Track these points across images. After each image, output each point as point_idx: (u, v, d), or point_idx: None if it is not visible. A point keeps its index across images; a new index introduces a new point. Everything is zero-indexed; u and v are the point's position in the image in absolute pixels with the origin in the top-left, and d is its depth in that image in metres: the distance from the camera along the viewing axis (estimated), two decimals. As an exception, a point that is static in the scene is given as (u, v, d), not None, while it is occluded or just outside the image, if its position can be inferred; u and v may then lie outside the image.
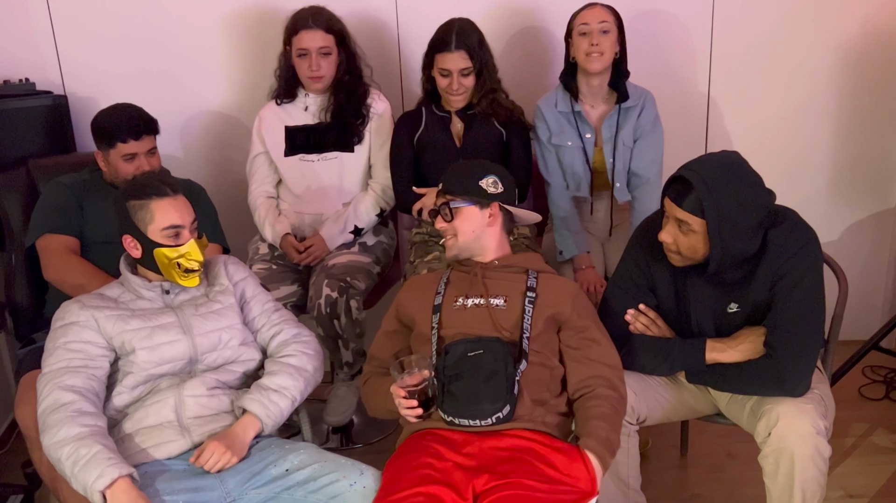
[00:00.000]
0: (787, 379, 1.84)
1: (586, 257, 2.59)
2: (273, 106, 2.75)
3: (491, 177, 2.02)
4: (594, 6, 2.53)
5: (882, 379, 3.11)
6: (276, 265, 2.67)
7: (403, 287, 2.09)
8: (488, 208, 2.00)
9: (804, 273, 1.85)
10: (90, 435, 1.65)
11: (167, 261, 1.85)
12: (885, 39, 3.09)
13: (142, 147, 2.32)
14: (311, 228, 2.72)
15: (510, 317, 1.91)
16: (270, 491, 1.72)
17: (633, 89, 2.60)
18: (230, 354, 1.92)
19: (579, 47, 2.51)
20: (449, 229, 2.01)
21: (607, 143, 2.60)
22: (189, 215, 1.88)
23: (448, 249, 2.04)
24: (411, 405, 1.79)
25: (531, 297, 1.93)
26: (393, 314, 2.05)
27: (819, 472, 1.80)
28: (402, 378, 1.80)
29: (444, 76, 2.57)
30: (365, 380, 2.02)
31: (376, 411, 1.97)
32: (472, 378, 1.77)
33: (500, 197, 2.02)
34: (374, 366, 2.02)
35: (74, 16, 2.93)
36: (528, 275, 2.00)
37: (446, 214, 2.00)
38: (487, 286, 1.95)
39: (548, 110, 2.62)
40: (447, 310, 1.94)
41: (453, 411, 1.77)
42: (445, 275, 2.04)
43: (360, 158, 2.73)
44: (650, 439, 2.71)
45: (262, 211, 2.73)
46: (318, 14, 2.61)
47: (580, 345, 1.92)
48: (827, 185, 3.26)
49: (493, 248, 2.03)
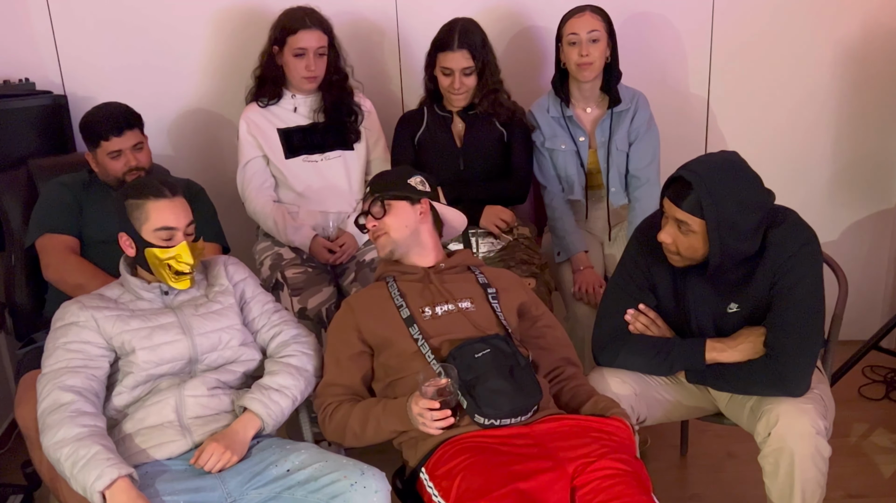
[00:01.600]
0: (787, 379, 1.84)
1: (584, 258, 2.59)
2: (256, 108, 2.67)
3: (418, 176, 2.03)
4: (583, 13, 2.51)
5: (882, 379, 3.11)
6: (310, 268, 2.58)
7: (350, 309, 1.95)
8: (419, 204, 2.00)
9: (804, 273, 1.85)
10: (89, 435, 1.65)
11: (157, 262, 1.85)
12: (884, 39, 3.09)
13: (125, 143, 2.32)
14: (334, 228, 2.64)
15: (484, 316, 1.91)
16: (271, 491, 1.72)
17: (625, 91, 2.60)
18: (230, 354, 1.92)
19: (569, 57, 2.52)
20: (379, 226, 1.98)
21: (601, 148, 2.61)
22: (185, 218, 1.88)
23: (380, 248, 2.01)
24: (444, 415, 1.70)
25: (493, 293, 1.97)
26: (353, 337, 1.92)
27: (819, 472, 1.81)
28: (426, 389, 1.71)
29: (447, 75, 2.57)
30: (332, 411, 1.87)
31: (361, 438, 1.84)
32: (494, 377, 1.75)
33: (429, 195, 2.02)
34: (340, 394, 1.89)
35: (74, 16, 2.93)
36: (474, 272, 2.02)
37: (378, 210, 1.97)
38: (450, 290, 1.94)
39: (540, 115, 2.63)
40: (420, 321, 1.89)
41: (494, 413, 1.73)
42: (393, 288, 1.95)
43: (361, 155, 2.72)
44: (650, 439, 2.71)
45: (277, 217, 2.62)
46: (313, 14, 2.60)
47: (540, 333, 2.02)
48: (827, 185, 3.26)
49: (432, 248, 2.02)
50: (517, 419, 1.76)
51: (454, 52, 2.53)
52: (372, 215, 1.99)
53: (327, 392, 1.91)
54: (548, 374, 1.97)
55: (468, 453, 1.68)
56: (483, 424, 1.74)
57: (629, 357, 2.00)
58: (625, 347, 2.00)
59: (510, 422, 1.75)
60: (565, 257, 2.62)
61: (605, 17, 2.53)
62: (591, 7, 2.53)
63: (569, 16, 2.54)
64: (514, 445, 1.70)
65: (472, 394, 1.74)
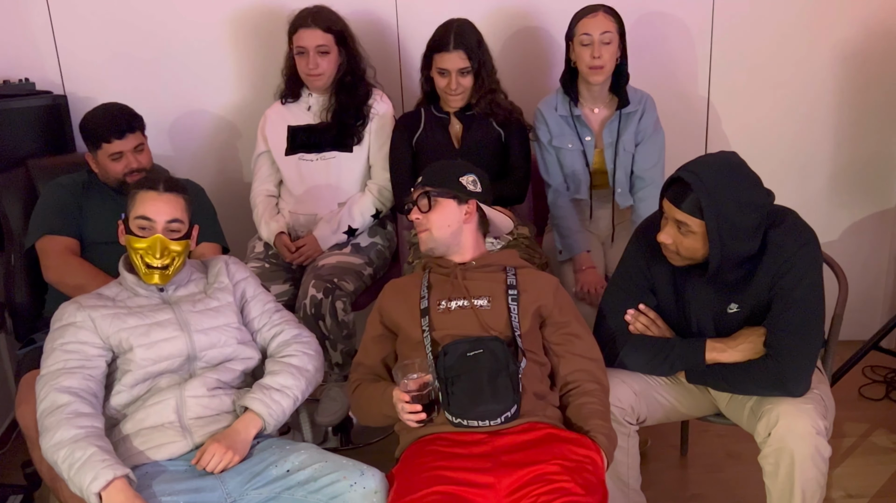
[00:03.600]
0: (788, 379, 1.84)
1: (587, 257, 2.59)
2: (278, 105, 2.77)
3: (471, 175, 2.02)
4: (596, 13, 2.48)
5: (882, 379, 3.11)
6: (269, 264, 2.68)
7: (383, 292, 2.03)
8: (466, 204, 1.99)
9: (804, 273, 1.85)
10: (85, 437, 1.65)
11: (131, 250, 1.87)
12: (884, 39, 3.09)
13: (127, 145, 2.32)
14: (306, 228, 2.72)
15: (497, 316, 1.90)
16: (271, 491, 1.72)
17: (634, 93, 2.59)
18: (230, 352, 1.92)
19: (581, 57, 2.49)
20: (423, 221, 1.98)
21: (608, 149, 2.60)
22: (167, 214, 1.87)
23: (422, 243, 2.01)
24: (415, 410, 1.76)
25: (514, 295, 1.94)
26: (377, 319, 2.00)
27: (819, 472, 1.81)
28: (405, 382, 1.77)
29: (443, 76, 2.57)
30: (354, 388, 1.97)
31: (370, 418, 1.94)
32: (475, 378, 1.76)
33: (479, 196, 2.02)
34: (362, 373, 1.98)
35: (74, 16, 2.93)
36: (506, 272, 1.99)
37: (424, 204, 1.97)
38: (468, 287, 1.94)
39: (548, 113, 2.62)
40: (433, 313, 1.91)
41: (460, 412, 1.76)
42: (425, 278, 1.99)
43: (359, 159, 2.73)
44: (650, 439, 2.71)
45: (260, 209, 2.76)
46: (319, 13, 2.62)
47: (562, 340, 1.95)
48: (827, 185, 3.26)
49: (471, 247, 2.02)
50: (485, 422, 1.76)
51: (450, 53, 2.53)
52: (418, 208, 1.99)
53: (355, 370, 2.01)
54: (563, 387, 1.92)
55: (422, 454, 1.73)
56: (452, 422, 1.77)
57: (629, 357, 2.00)
58: (625, 347, 2.00)
59: (477, 425, 1.76)
60: (568, 256, 2.61)
61: (618, 17, 2.51)
62: (605, 7, 2.51)
63: (582, 15, 2.50)
64: (468, 456, 1.71)
65: (448, 391, 1.77)
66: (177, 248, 1.88)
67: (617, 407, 1.96)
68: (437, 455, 1.72)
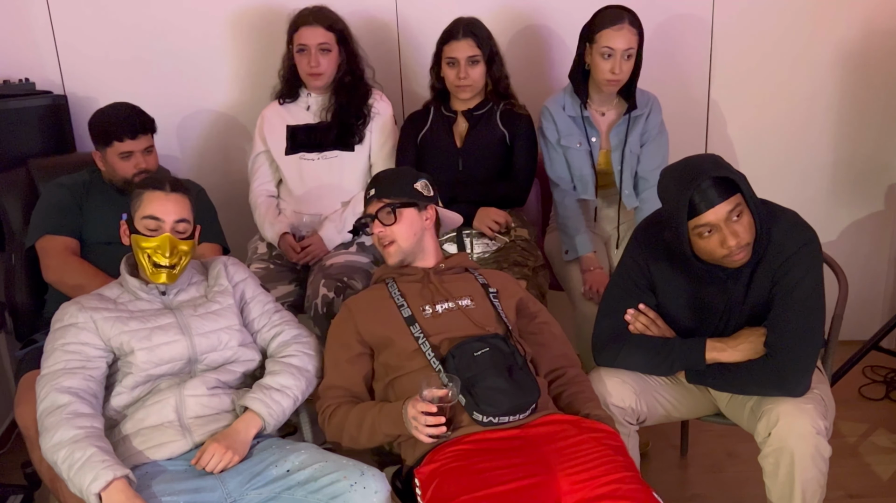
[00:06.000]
0: (788, 379, 1.84)
1: (594, 258, 2.58)
2: (276, 105, 2.77)
3: (422, 180, 2.02)
4: (622, 26, 2.41)
5: (882, 379, 3.11)
6: (274, 265, 2.67)
7: (349, 311, 1.96)
8: (426, 210, 2.00)
9: (804, 273, 1.85)
10: (85, 437, 1.65)
11: (139, 250, 1.86)
12: (884, 39, 3.09)
13: (138, 146, 2.32)
14: (309, 228, 2.71)
15: (485, 314, 1.91)
16: (271, 491, 1.72)
17: (640, 95, 2.58)
18: (230, 355, 1.92)
19: (599, 67, 2.45)
20: (387, 234, 1.96)
21: (615, 151, 2.59)
22: (175, 214, 1.88)
23: (390, 256, 1.99)
24: (439, 422, 1.68)
25: (494, 292, 1.97)
26: (352, 339, 1.92)
27: (819, 472, 1.81)
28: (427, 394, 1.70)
29: (452, 66, 2.57)
30: (330, 413, 1.88)
31: (357, 441, 1.84)
32: (495, 375, 1.76)
33: (434, 199, 2.02)
34: (338, 396, 1.90)
35: (74, 16, 2.93)
36: (472, 273, 2.02)
37: (389, 218, 1.95)
38: (449, 289, 1.94)
39: (556, 112, 2.61)
40: (421, 320, 1.89)
41: (492, 411, 1.73)
42: (393, 288, 1.96)
43: (361, 158, 2.73)
44: (650, 439, 2.71)
45: (262, 210, 2.74)
46: (320, 12, 2.63)
47: (538, 329, 2.02)
48: (827, 185, 3.26)
49: (432, 251, 2.03)
50: (516, 417, 1.76)
51: (459, 41, 2.54)
52: (380, 221, 1.97)
53: (327, 394, 1.92)
54: (548, 374, 1.98)
55: (455, 456, 1.69)
56: (482, 422, 1.74)
57: (629, 357, 2.00)
58: (625, 347, 2.00)
59: (508, 420, 1.75)
60: (574, 256, 2.61)
61: (640, 29, 2.47)
62: (630, 16, 2.44)
63: (607, 23, 2.42)
64: (504, 450, 1.69)
65: (472, 392, 1.74)
66: (184, 247, 1.89)
67: (617, 407, 1.96)
68: (478, 455, 1.67)
